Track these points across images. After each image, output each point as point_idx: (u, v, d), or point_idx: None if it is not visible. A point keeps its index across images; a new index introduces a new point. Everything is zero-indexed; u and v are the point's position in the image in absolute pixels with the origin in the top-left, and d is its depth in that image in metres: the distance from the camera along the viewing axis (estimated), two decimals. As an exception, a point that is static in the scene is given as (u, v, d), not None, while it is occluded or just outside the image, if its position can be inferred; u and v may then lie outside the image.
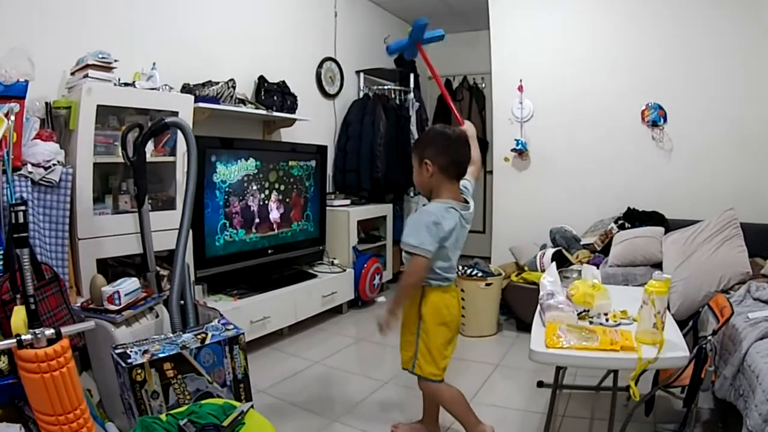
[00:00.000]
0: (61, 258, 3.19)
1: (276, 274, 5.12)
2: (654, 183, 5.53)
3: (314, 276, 5.35)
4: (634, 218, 5.21)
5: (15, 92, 2.99)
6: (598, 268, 4.68)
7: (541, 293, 2.89)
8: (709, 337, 2.61)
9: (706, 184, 5.31)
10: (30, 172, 3.01)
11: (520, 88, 6.06)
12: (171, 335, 2.74)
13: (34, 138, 3.16)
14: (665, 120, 5.47)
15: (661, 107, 5.46)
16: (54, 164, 3.13)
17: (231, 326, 2.89)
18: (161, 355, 2.50)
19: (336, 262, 5.81)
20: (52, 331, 1.97)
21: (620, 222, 5.19)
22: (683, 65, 5.39)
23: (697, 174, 5.37)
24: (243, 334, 2.86)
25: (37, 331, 1.96)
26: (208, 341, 2.69)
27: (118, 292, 2.92)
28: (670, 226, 4.94)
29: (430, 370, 2.78)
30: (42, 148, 3.09)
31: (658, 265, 4.45)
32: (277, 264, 5.21)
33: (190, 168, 3.32)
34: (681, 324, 2.92)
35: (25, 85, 3.03)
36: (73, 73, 3.62)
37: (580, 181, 5.86)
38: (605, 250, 5.01)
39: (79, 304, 3.06)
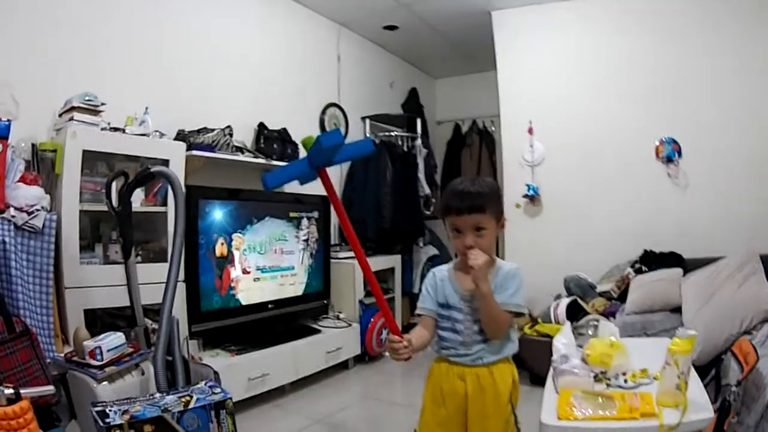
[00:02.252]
0: (45, 306, 3.17)
1: (278, 329, 5.03)
2: (671, 222, 5.46)
3: (318, 331, 5.27)
4: (650, 261, 5.12)
5: (-5, 130, 2.98)
6: (615, 316, 4.63)
7: (553, 356, 2.73)
8: (733, 388, 2.50)
9: (724, 218, 5.23)
10: (13, 216, 3.02)
11: (530, 131, 6.04)
12: (155, 396, 2.65)
13: (18, 180, 3.16)
14: (680, 154, 5.44)
15: (675, 141, 5.45)
16: (38, 209, 3.13)
17: (218, 390, 2.79)
18: (141, 417, 2.41)
19: (342, 316, 5.72)
20: (11, 391, 1.93)
21: (637, 266, 5.10)
22: (696, 96, 5.40)
23: (714, 209, 5.30)
24: (230, 398, 2.76)
25: (-5, 388, 1.91)
26: (192, 405, 2.59)
27: (100, 347, 2.87)
28: (688, 266, 4.85)
29: None
30: (25, 192, 3.10)
31: (677, 309, 4.34)
32: (278, 319, 5.13)
33: (177, 219, 3.27)
34: (702, 370, 2.80)
35: (6, 124, 3.03)
36: (60, 115, 3.64)
37: (595, 226, 5.80)
38: (622, 297, 4.91)
39: (63, 355, 3.05)
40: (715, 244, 5.01)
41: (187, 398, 2.63)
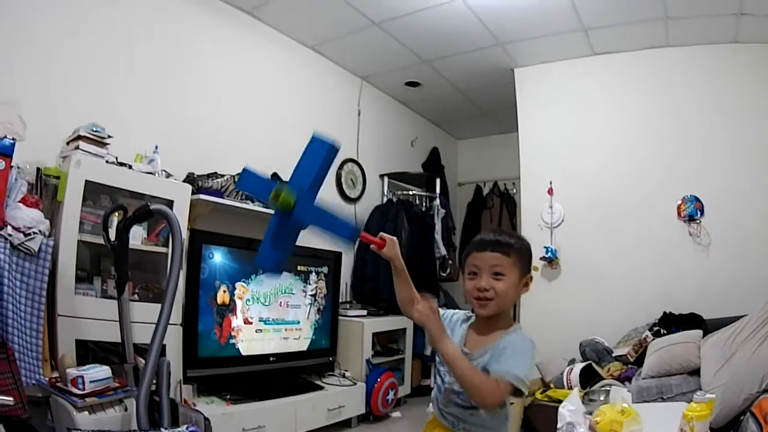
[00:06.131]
0: (35, 329, 3.24)
1: (279, 383, 5.05)
2: (692, 282, 5.41)
3: (320, 387, 5.28)
4: (670, 323, 5.07)
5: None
6: (630, 381, 4.57)
7: (559, 424, 2.67)
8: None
9: (747, 277, 5.15)
10: (9, 235, 3.12)
11: (550, 191, 6.11)
12: (134, 432, 2.72)
13: (20, 201, 3.28)
14: (702, 213, 5.44)
15: (698, 199, 5.45)
16: (35, 232, 3.23)
17: None
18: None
19: (348, 374, 5.70)
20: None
21: (655, 329, 5.04)
22: (718, 153, 5.46)
23: (737, 267, 5.24)
24: None
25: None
26: None
27: (82, 377, 2.99)
28: (710, 327, 4.76)
29: None
30: (24, 213, 3.22)
31: (696, 372, 4.27)
32: (280, 372, 5.15)
33: (173, 260, 3.34)
34: None
35: (11, 143, 3.17)
36: (68, 143, 3.78)
37: (614, 288, 5.77)
38: (639, 361, 4.84)
39: (48, 379, 3.14)
40: (738, 303, 4.87)
41: (164, 440, 2.68)
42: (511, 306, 2.12)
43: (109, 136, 3.80)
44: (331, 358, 5.75)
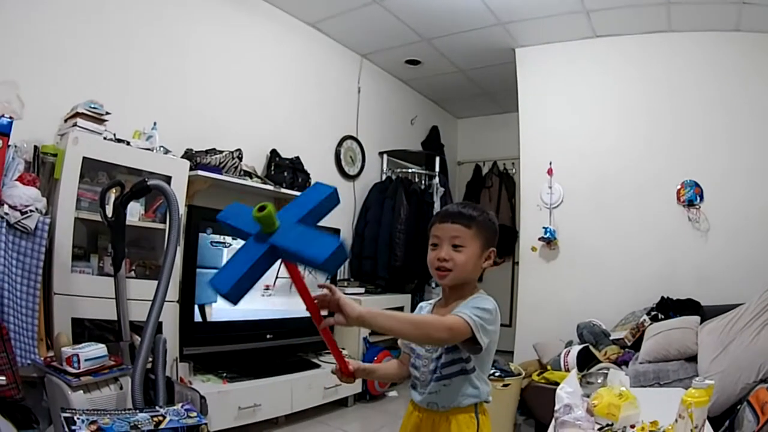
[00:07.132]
0: (31, 308, 3.23)
1: (275, 361, 5.03)
2: (691, 268, 5.41)
3: (317, 366, 5.24)
4: (668, 308, 5.07)
5: (-3, 127, 3.12)
6: (627, 365, 4.57)
7: (556, 406, 2.63)
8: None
9: (746, 264, 5.15)
10: (6, 213, 3.11)
11: (550, 172, 6.07)
12: (128, 412, 2.68)
13: (16, 180, 3.26)
14: (702, 198, 5.42)
15: (697, 184, 5.43)
16: (32, 210, 3.21)
17: (194, 413, 2.83)
18: (108, 431, 2.42)
19: (344, 352, 5.66)
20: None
21: (653, 313, 5.04)
22: (718, 139, 5.43)
23: (736, 254, 5.24)
24: (205, 424, 2.79)
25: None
26: (163, 425, 2.63)
27: (77, 355, 2.97)
28: (707, 313, 4.76)
29: None
30: (21, 191, 3.19)
31: (693, 358, 4.27)
32: (276, 350, 5.12)
33: (170, 235, 3.31)
34: (714, 421, 2.68)
35: (8, 122, 3.14)
36: (65, 121, 3.74)
37: (612, 271, 5.77)
38: (636, 345, 4.83)
39: (42, 359, 3.13)
40: (736, 290, 4.89)
41: (160, 418, 2.67)
42: (473, 278, 2.11)
43: (107, 113, 3.76)
44: (328, 336, 5.69)
